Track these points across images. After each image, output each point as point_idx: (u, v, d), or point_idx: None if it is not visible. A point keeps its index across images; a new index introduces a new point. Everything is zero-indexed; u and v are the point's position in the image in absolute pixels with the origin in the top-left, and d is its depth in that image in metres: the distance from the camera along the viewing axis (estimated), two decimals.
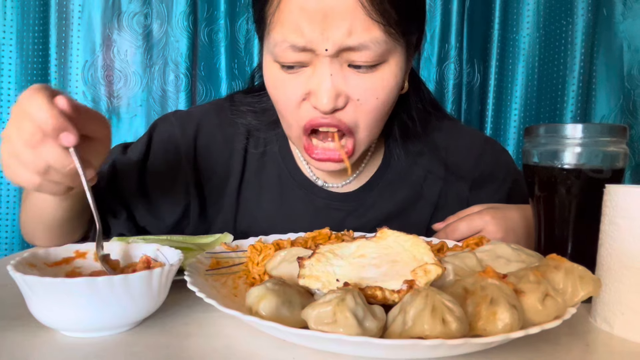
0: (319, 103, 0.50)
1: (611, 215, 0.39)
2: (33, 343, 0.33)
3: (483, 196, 0.70)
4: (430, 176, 0.69)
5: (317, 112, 0.52)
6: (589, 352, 0.35)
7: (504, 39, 1.27)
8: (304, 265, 0.37)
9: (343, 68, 0.50)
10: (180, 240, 0.58)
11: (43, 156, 0.38)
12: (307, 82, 0.52)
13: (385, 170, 0.68)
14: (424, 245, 0.38)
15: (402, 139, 0.67)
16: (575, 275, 0.33)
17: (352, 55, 0.49)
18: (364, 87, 0.51)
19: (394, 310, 0.31)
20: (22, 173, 0.40)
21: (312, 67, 0.51)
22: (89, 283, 0.32)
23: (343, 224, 0.67)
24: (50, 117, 0.36)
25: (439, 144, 0.69)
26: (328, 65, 0.50)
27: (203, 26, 1.22)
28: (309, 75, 0.51)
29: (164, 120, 0.69)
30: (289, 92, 0.53)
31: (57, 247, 0.41)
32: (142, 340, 0.34)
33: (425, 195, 0.69)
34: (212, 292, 0.39)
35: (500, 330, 0.29)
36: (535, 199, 0.50)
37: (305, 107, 0.53)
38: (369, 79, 0.51)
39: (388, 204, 0.68)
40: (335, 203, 0.67)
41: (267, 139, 0.68)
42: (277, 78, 0.54)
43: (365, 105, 0.52)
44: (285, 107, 0.55)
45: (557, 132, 0.47)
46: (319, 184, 0.68)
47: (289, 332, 0.29)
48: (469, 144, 0.72)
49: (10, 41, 1.18)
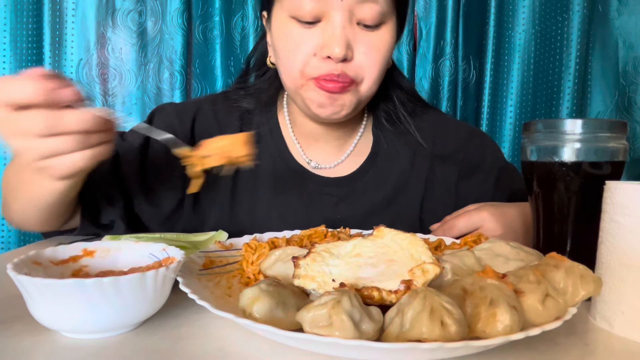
0: (332, 51, 0.56)
1: (611, 212, 0.38)
2: (30, 343, 0.33)
3: (470, 185, 0.72)
4: (418, 156, 0.72)
5: (326, 65, 0.57)
6: (588, 351, 0.34)
7: (499, 36, 1.26)
8: (299, 265, 0.36)
9: (352, 25, 0.57)
10: (173, 238, 0.57)
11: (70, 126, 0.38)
12: (320, 36, 0.57)
13: (376, 157, 0.71)
14: (422, 244, 0.38)
15: (388, 123, 0.72)
16: (575, 274, 0.33)
17: (361, 11, 0.56)
18: (368, 42, 0.58)
19: (391, 312, 0.30)
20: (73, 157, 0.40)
21: (325, 21, 0.57)
22: (78, 284, 0.31)
23: (336, 210, 0.69)
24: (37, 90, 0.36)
25: (424, 126, 0.73)
26: (340, 19, 0.56)
27: (198, 23, 1.21)
28: (321, 29, 0.57)
29: (161, 109, 0.70)
30: (301, 46, 0.58)
31: (64, 245, 0.41)
32: (134, 344, 0.33)
33: (414, 175, 0.72)
34: (205, 293, 0.38)
35: (500, 332, 0.28)
36: (534, 195, 0.50)
37: (313, 62, 0.58)
38: (373, 36, 0.58)
39: (379, 190, 0.70)
40: (328, 189, 0.69)
41: (260, 122, 0.71)
42: (291, 34, 0.58)
43: (370, 56, 0.58)
44: (295, 60, 0.59)
45: (556, 127, 0.46)
46: (312, 166, 0.70)
47: (283, 335, 0.28)
48: (454, 129, 0.75)
49: (3, 39, 1.16)
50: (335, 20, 0.56)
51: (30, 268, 0.37)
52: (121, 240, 0.46)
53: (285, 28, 0.59)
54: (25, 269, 0.35)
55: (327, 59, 0.57)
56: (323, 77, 0.57)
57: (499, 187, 0.73)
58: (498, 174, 0.73)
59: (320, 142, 0.71)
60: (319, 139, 0.70)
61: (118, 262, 0.42)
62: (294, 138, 0.71)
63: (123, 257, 0.43)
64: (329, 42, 0.56)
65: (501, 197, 0.70)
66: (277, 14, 0.60)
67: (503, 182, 0.73)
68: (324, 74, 0.57)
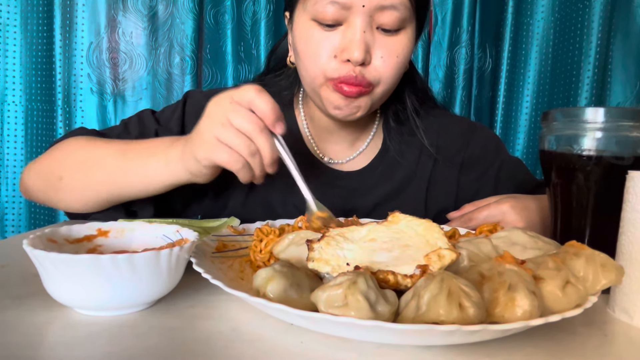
0: (351, 55, 0.57)
1: (634, 202, 0.37)
2: (45, 318, 0.34)
3: (471, 179, 0.74)
4: (423, 155, 0.74)
5: (345, 67, 0.58)
6: (607, 342, 0.34)
7: (517, 23, 1.23)
8: (313, 248, 0.36)
9: (372, 30, 0.58)
10: (186, 223, 0.57)
11: (257, 142, 0.47)
12: (341, 39, 0.58)
13: (385, 154, 0.74)
14: (438, 230, 0.37)
15: (396, 123, 0.74)
16: (596, 262, 0.32)
17: (382, 16, 0.57)
18: (387, 46, 0.59)
19: (406, 295, 0.30)
20: (229, 155, 0.47)
21: (345, 25, 0.58)
22: (93, 260, 0.31)
23: (347, 201, 0.71)
24: (275, 108, 0.47)
25: (430, 127, 0.74)
26: (360, 24, 0.57)
27: (209, 8, 1.20)
28: (342, 32, 0.58)
29: (192, 95, 0.72)
30: (321, 48, 0.59)
31: (79, 224, 0.41)
32: (147, 322, 0.34)
33: (419, 174, 0.73)
34: (218, 274, 0.38)
35: (519, 317, 0.27)
36: (552, 186, 0.49)
37: (333, 64, 0.59)
38: (392, 40, 0.60)
39: (387, 184, 0.73)
40: (340, 181, 0.71)
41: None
42: (312, 35, 0.59)
43: (387, 61, 0.60)
44: (315, 62, 0.60)
45: (577, 116, 0.45)
46: (326, 161, 0.72)
47: (297, 315, 0.28)
48: (457, 128, 0.77)
49: (14, 22, 1.16)
50: (355, 24, 0.57)
51: (46, 245, 0.37)
52: (134, 222, 0.46)
53: (306, 30, 0.60)
54: (41, 245, 0.36)
55: (347, 62, 0.58)
56: (342, 80, 0.59)
57: (502, 180, 0.74)
58: (500, 167, 0.74)
59: (334, 138, 0.73)
60: (333, 134, 0.72)
61: (132, 243, 0.43)
62: (309, 134, 0.73)
63: (137, 238, 0.43)
64: (348, 46, 0.57)
65: (505, 190, 0.71)
66: (299, 15, 0.61)
67: (505, 175, 0.74)
68: (343, 75, 0.59)
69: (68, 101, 1.19)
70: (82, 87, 1.20)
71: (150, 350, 0.29)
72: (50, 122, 1.21)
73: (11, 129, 1.20)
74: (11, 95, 1.19)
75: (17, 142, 1.21)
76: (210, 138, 0.47)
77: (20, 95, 1.19)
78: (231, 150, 0.47)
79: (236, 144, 0.46)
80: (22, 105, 1.20)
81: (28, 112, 1.20)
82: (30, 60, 1.18)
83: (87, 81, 1.19)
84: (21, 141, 1.21)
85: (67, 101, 1.19)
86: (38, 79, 1.19)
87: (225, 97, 0.48)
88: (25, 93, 1.19)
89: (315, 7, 0.58)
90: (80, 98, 1.20)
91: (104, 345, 0.30)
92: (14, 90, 1.19)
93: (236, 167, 0.48)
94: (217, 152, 0.47)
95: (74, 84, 1.19)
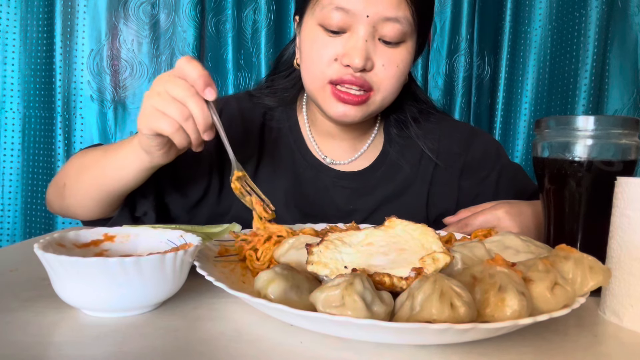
0: (352, 61, 0.60)
1: (622, 207, 0.38)
2: (54, 319, 0.35)
3: (472, 184, 0.75)
4: (424, 159, 0.75)
5: (345, 71, 0.61)
6: (597, 342, 0.35)
7: (515, 31, 1.25)
8: (312, 251, 0.37)
9: (374, 40, 0.61)
10: (188, 229, 0.59)
11: (188, 107, 0.48)
12: (343, 45, 0.61)
13: (386, 156, 0.75)
14: (433, 234, 0.38)
15: (397, 130, 0.76)
16: (584, 265, 0.33)
17: (384, 28, 0.60)
18: (388, 56, 0.62)
19: (402, 296, 0.31)
20: (163, 121, 0.48)
21: (349, 33, 0.61)
22: (102, 262, 0.32)
23: (349, 201, 0.72)
24: (202, 74, 0.47)
25: (431, 132, 0.76)
26: (363, 33, 0.60)
27: (210, 16, 1.21)
28: (345, 39, 0.61)
29: None
30: (324, 51, 0.62)
31: (86, 229, 0.43)
32: (153, 323, 0.35)
33: (420, 176, 0.75)
34: (220, 277, 0.39)
35: (508, 317, 0.29)
36: (545, 192, 0.50)
37: (334, 66, 0.62)
38: (392, 51, 0.63)
39: (389, 184, 0.74)
40: (342, 182, 0.73)
41: (281, 119, 0.75)
42: (317, 39, 0.63)
43: (388, 70, 0.62)
44: (317, 63, 0.63)
45: (568, 124, 0.46)
46: (327, 162, 0.74)
47: (296, 315, 0.29)
48: (458, 133, 0.78)
49: (14, 29, 1.16)
50: (358, 33, 0.60)
51: (55, 249, 0.38)
52: (139, 227, 0.48)
53: (312, 33, 0.63)
54: (50, 249, 0.37)
55: (347, 67, 0.61)
56: (342, 80, 0.61)
57: (502, 186, 0.75)
58: (500, 173, 0.75)
59: (335, 140, 0.74)
60: (334, 136, 0.74)
61: (137, 247, 0.44)
62: (311, 135, 0.75)
63: (142, 243, 0.44)
64: (350, 52, 0.60)
65: (505, 195, 0.72)
66: (307, 20, 0.65)
67: (506, 180, 0.75)
68: (342, 74, 0.61)
69: (68, 108, 1.19)
70: (82, 94, 1.19)
71: (155, 350, 0.31)
72: (49, 129, 1.20)
73: (8, 137, 1.20)
74: (9, 102, 1.19)
75: (14, 149, 1.20)
76: (148, 107, 0.49)
77: (18, 102, 1.19)
78: (165, 116, 0.48)
79: (169, 109, 0.48)
80: (20, 113, 1.19)
81: (25, 120, 1.19)
82: (29, 67, 1.18)
83: (87, 88, 1.19)
84: (18, 149, 1.20)
85: (67, 108, 1.19)
86: (37, 85, 1.19)
87: (166, 72, 0.50)
88: (23, 100, 1.19)
89: (322, 12, 0.61)
90: (80, 105, 1.20)
91: (111, 345, 0.31)
92: (12, 97, 1.19)
93: (170, 130, 0.49)
94: (153, 120, 0.49)
95: (74, 90, 1.19)
